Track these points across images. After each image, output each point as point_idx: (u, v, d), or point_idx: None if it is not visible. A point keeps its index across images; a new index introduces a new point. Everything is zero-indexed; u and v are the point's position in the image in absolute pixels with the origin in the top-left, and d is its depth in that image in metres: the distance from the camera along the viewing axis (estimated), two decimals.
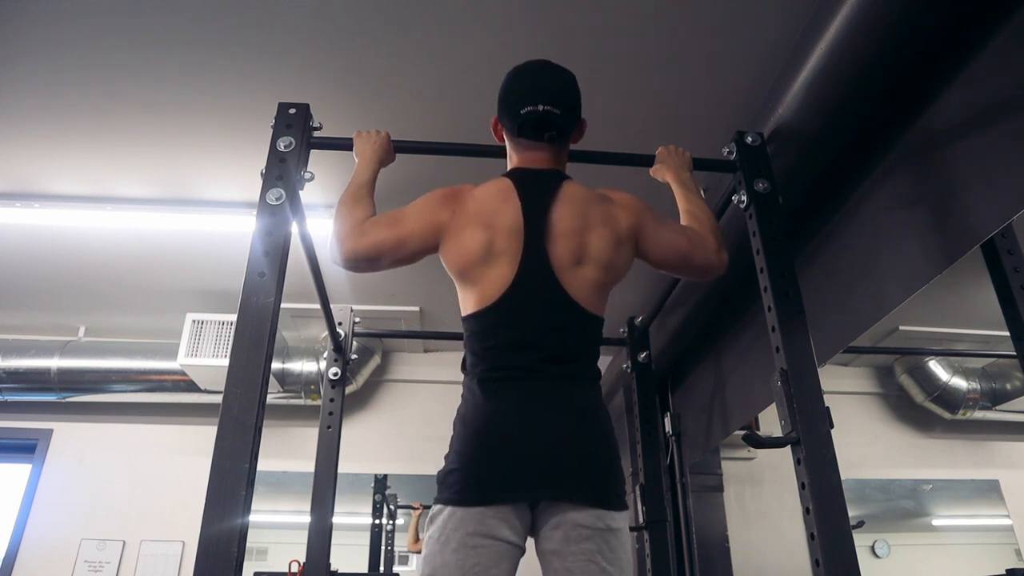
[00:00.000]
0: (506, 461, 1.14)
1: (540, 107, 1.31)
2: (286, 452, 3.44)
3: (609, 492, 1.16)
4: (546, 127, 1.32)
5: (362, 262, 1.31)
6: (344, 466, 2.29)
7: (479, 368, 1.24)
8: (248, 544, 1.03)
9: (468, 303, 1.28)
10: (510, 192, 1.31)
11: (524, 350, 1.21)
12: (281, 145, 1.40)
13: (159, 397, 3.42)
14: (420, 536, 3.50)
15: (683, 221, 1.48)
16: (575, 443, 1.16)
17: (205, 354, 3.09)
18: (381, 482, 3.62)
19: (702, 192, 1.57)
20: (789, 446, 1.23)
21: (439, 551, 1.11)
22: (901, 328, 2.59)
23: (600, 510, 1.14)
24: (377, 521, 3.57)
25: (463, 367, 1.30)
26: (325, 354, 2.42)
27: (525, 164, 1.38)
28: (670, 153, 1.62)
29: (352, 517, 3.57)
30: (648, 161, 1.63)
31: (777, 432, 1.25)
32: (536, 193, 1.31)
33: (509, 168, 1.41)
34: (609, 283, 1.31)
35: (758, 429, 2.56)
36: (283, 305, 1.25)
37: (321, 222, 2.55)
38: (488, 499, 1.12)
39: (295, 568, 2.95)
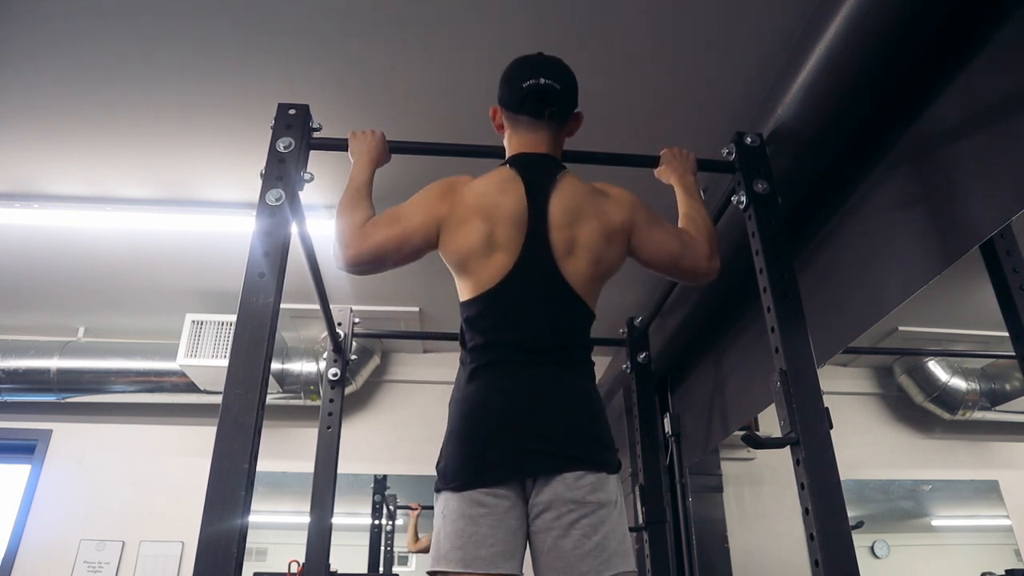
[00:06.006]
0: (502, 443, 1.18)
1: (542, 80, 1.34)
2: (286, 452, 3.44)
3: (598, 460, 1.19)
4: (547, 102, 1.35)
5: (365, 265, 1.31)
6: (344, 466, 2.29)
7: (475, 352, 1.27)
8: (248, 544, 1.03)
9: (467, 289, 1.30)
10: (513, 181, 1.33)
11: (521, 334, 1.24)
12: (281, 146, 1.40)
13: (158, 398, 3.42)
14: (419, 536, 3.50)
15: (681, 224, 1.49)
16: (568, 422, 1.20)
17: (205, 354, 3.09)
18: (380, 483, 3.62)
19: (702, 195, 1.57)
20: (788, 447, 1.23)
21: (441, 526, 1.15)
22: (900, 328, 2.59)
23: (592, 474, 1.16)
24: (376, 522, 3.57)
25: (461, 342, 1.33)
26: (325, 354, 2.42)
27: (525, 148, 1.40)
28: (675, 155, 1.61)
29: (351, 517, 3.57)
30: (650, 162, 1.63)
31: (776, 433, 1.25)
32: (538, 180, 1.34)
33: (508, 155, 1.42)
34: (599, 277, 1.33)
35: (757, 429, 2.56)
36: (283, 305, 1.25)
37: (321, 222, 2.55)
38: (484, 480, 1.15)
39: (295, 568, 2.96)
